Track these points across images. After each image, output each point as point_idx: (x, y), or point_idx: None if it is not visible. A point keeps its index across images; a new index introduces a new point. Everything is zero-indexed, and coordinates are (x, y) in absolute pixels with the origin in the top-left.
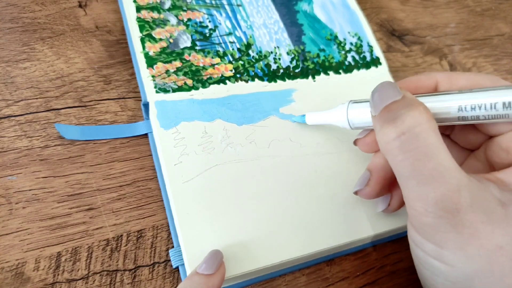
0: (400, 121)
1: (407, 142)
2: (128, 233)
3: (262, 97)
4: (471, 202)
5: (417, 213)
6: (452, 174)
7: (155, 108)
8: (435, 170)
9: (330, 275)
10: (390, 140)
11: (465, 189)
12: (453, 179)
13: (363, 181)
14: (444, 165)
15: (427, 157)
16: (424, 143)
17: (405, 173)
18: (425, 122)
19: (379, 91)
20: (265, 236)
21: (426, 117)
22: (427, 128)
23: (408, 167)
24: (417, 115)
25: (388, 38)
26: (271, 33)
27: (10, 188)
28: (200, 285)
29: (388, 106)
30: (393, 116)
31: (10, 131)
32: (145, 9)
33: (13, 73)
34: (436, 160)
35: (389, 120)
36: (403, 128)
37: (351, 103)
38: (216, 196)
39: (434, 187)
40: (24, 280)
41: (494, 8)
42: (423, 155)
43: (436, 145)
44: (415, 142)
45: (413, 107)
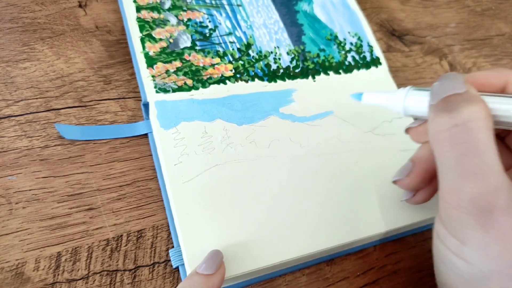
0: (457, 113)
1: (458, 134)
2: (128, 233)
3: (262, 97)
4: (506, 205)
5: (449, 206)
6: (494, 174)
7: (155, 108)
8: (478, 167)
9: (330, 275)
10: (441, 130)
11: (503, 192)
12: (494, 179)
13: (404, 171)
14: (488, 164)
15: (473, 153)
16: (474, 139)
17: (448, 164)
18: (482, 119)
19: (443, 81)
20: (265, 236)
21: (484, 114)
22: (482, 125)
23: (452, 159)
24: (475, 111)
25: (388, 38)
26: (271, 33)
27: (10, 188)
28: (200, 285)
29: (448, 97)
30: (451, 107)
31: (10, 131)
32: (145, 9)
33: (13, 73)
34: (482, 157)
35: (445, 110)
36: (458, 120)
37: (411, 89)
38: (216, 196)
39: (473, 183)
40: (24, 280)
41: (494, 8)
42: (470, 150)
43: (486, 143)
44: (466, 136)
45: (474, 102)
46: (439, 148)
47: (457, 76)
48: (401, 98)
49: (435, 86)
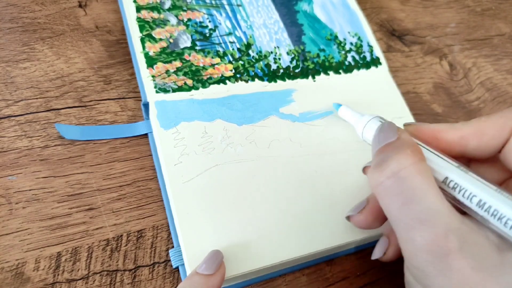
0: (386, 165)
1: (392, 186)
2: (128, 233)
3: (262, 97)
4: (461, 247)
5: (407, 255)
6: (440, 217)
7: (155, 108)
8: (422, 214)
9: (330, 275)
10: (377, 184)
11: (454, 233)
12: (441, 223)
13: (358, 207)
14: (431, 208)
15: (413, 201)
16: (409, 187)
17: (393, 216)
18: (410, 164)
19: (379, 132)
20: (265, 236)
21: (412, 160)
22: (412, 171)
23: (395, 211)
24: (402, 158)
25: (388, 38)
26: (271, 33)
27: (10, 188)
28: (200, 285)
29: (381, 148)
30: (381, 159)
31: (10, 131)
32: (145, 9)
33: (13, 73)
34: (423, 204)
35: (377, 163)
36: (388, 172)
37: (374, 119)
38: (216, 196)
39: (421, 232)
40: (24, 280)
41: (494, 8)
42: (409, 199)
43: (423, 188)
44: (400, 186)
45: (401, 150)
46: (381, 201)
47: (391, 125)
48: (362, 125)
49: (374, 137)
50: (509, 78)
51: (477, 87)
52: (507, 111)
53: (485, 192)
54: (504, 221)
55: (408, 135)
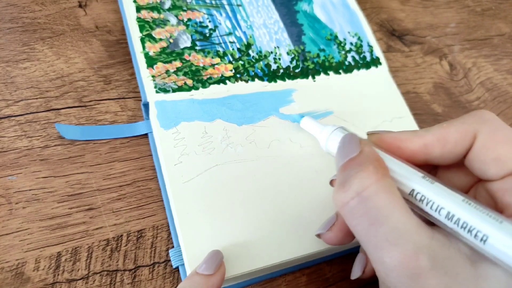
0: (348, 185)
1: (357, 207)
2: (128, 233)
3: (262, 97)
4: (432, 265)
5: (380, 276)
6: (409, 236)
7: (155, 108)
8: (389, 234)
9: (330, 275)
10: (342, 205)
11: (425, 251)
12: (409, 242)
13: (326, 225)
14: (398, 227)
15: (379, 222)
16: (373, 207)
17: (361, 237)
18: (373, 183)
19: (341, 146)
20: (265, 236)
21: (375, 178)
22: (376, 189)
23: (362, 232)
24: (364, 177)
25: (388, 38)
26: (271, 33)
27: (10, 188)
28: (200, 285)
29: (343, 165)
30: (344, 178)
31: (10, 131)
32: (145, 9)
33: (13, 73)
34: (390, 223)
35: (341, 182)
36: (351, 193)
37: (337, 130)
38: (216, 196)
39: (389, 252)
40: (24, 280)
41: (494, 8)
42: (375, 219)
43: (388, 207)
44: (365, 206)
45: (363, 167)
46: (347, 222)
47: (352, 137)
48: (325, 137)
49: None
50: (509, 78)
51: (477, 87)
52: (468, 117)
53: (453, 204)
54: (474, 234)
55: (370, 148)
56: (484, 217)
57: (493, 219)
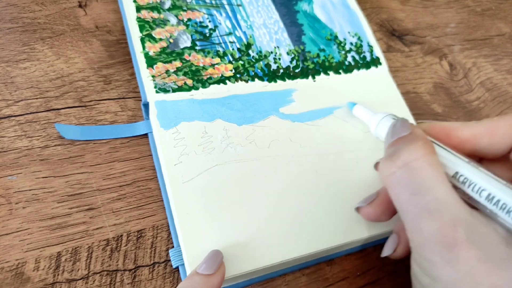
0: (397, 156)
1: (402, 176)
2: (128, 233)
3: (262, 97)
4: (468, 238)
5: (414, 245)
6: (448, 208)
7: (155, 108)
8: (430, 204)
9: (330, 275)
10: (388, 175)
11: (462, 224)
12: (449, 213)
13: (367, 200)
14: (440, 199)
15: (422, 191)
16: (419, 178)
17: (402, 206)
18: (421, 156)
19: (392, 127)
20: (265, 236)
21: (423, 152)
22: (423, 162)
23: (404, 201)
24: (413, 150)
25: (388, 38)
26: (271, 33)
27: (10, 188)
28: (200, 285)
29: (394, 141)
30: (393, 151)
31: (10, 131)
32: (145, 9)
33: (13, 73)
34: (432, 194)
35: (389, 154)
36: (399, 163)
37: (388, 117)
38: (216, 196)
39: (429, 221)
40: (24, 280)
41: (494, 8)
42: (418, 189)
43: (433, 179)
44: (410, 176)
45: (412, 142)
46: (391, 192)
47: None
48: (375, 122)
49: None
50: (509, 78)
51: (477, 87)
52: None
53: (495, 186)
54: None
55: (420, 131)
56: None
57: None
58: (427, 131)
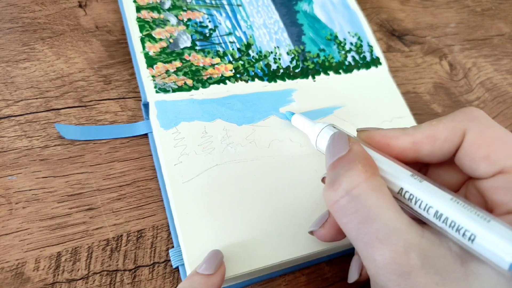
0: (338, 184)
1: (347, 205)
2: (128, 233)
3: (262, 97)
4: (422, 263)
5: (370, 274)
6: (399, 234)
7: (155, 108)
8: (379, 232)
9: (330, 275)
10: (332, 203)
11: (415, 250)
12: (400, 240)
13: (319, 222)
14: (389, 225)
15: (369, 219)
16: (364, 205)
17: (352, 235)
18: (363, 181)
19: (330, 145)
20: (265, 236)
21: (364, 176)
22: (365, 188)
23: (353, 230)
24: (354, 175)
25: (388, 38)
26: (271, 33)
27: (10, 188)
28: (200, 285)
29: (333, 164)
30: (334, 177)
31: (10, 131)
32: (145, 9)
33: (13, 73)
34: (380, 221)
35: (330, 181)
36: (341, 192)
37: (328, 127)
38: (216, 196)
39: (380, 250)
40: (24, 280)
41: (494, 8)
42: (365, 217)
43: (378, 205)
44: (355, 205)
45: (352, 165)
46: (338, 220)
47: (341, 135)
48: (315, 134)
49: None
50: (509, 78)
51: (477, 87)
52: (458, 114)
53: (441, 203)
54: (462, 233)
55: (359, 146)
56: (472, 216)
57: (481, 218)
58: (367, 141)
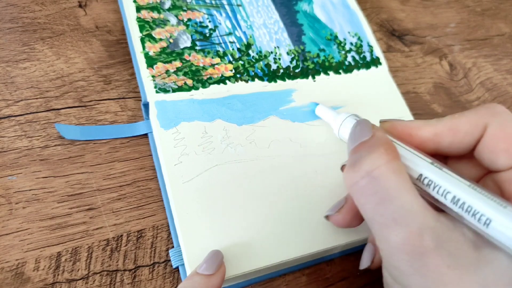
0: (359, 165)
1: (366, 186)
2: (128, 233)
3: (262, 97)
4: (435, 245)
5: (384, 255)
6: (415, 216)
7: (155, 108)
8: (396, 213)
9: (330, 275)
10: (351, 184)
11: (429, 232)
12: (415, 221)
13: (336, 207)
14: (405, 207)
15: (387, 201)
16: (383, 187)
17: (369, 215)
18: (384, 164)
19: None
20: (265, 236)
21: (386, 159)
22: (386, 170)
23: (370, 211)
24: (375, 158)
25: (388, 38)
26: (271, 33)
27: (10, 188)
28: (200, 285)
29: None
30: (355, 159)
31: (10, 131)
32: (145, 9)
33: (13, 73)
34: (397, 203)
35: (352, 163)
36: (362, 172)
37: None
38: (216, 196)
39: (395, 231)
40: (24, 280)
41: (494, 8)
42: (383, 198)
43: (397, 187)
44: (374, 186)
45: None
46: (356, 201)
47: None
48: (338, 124)
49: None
50: (509, 78)
51: (477, 87)
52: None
53: (459, 188)
54: (478, 217)
55: (382, 133)
56: (488, 201)
57: (497, 203)
58: (389, 131)
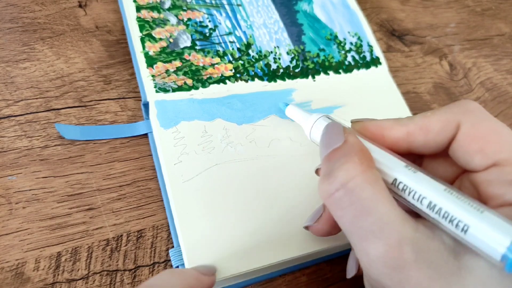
0: (333, 177)
1: (342, 198)
2: (128, 233)
3: (262, 97)
4: (415, 257)
5: (364, 267)
6: (393, 228)
7: (155, 108)
8: (374, 226)
9: (330, 275)
10: (327, 196)
11: (408, 243)
12: (394, 233)
13: (314, 217)
14: (383, 219)
15: (364, 213)
16: (359, 198)
17: (346, 228)
18: (359, 174)
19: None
20: (265, 235)
21: (360, 169)
22: (361, 181)
23: (347, 224)
24: (350, 168)
25: (388, 38)
26: (271, 33)
27: (10, 188)
28: (192, 276)
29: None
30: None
31: (10, 131)
32: (145, 9)
33: (13, 73)
34: (374, 215)
35: (325, 173)
36: (337, 184)
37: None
38: (216, 196)
39: (374, 243)
40: (24, 280)
41: (494, 8)
42: (360, 211)
43: (373, 199)
44: (350, 198)
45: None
46: (333, 213)
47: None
48: (309, 125)
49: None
50: (509, 78)
51: (477, 87)
52: (453, 106)
53: (435, 193)
54: (455, 224)
55: (354, 138)
56: (465, 206)
57: (474, 208)
58: (361, 132)
